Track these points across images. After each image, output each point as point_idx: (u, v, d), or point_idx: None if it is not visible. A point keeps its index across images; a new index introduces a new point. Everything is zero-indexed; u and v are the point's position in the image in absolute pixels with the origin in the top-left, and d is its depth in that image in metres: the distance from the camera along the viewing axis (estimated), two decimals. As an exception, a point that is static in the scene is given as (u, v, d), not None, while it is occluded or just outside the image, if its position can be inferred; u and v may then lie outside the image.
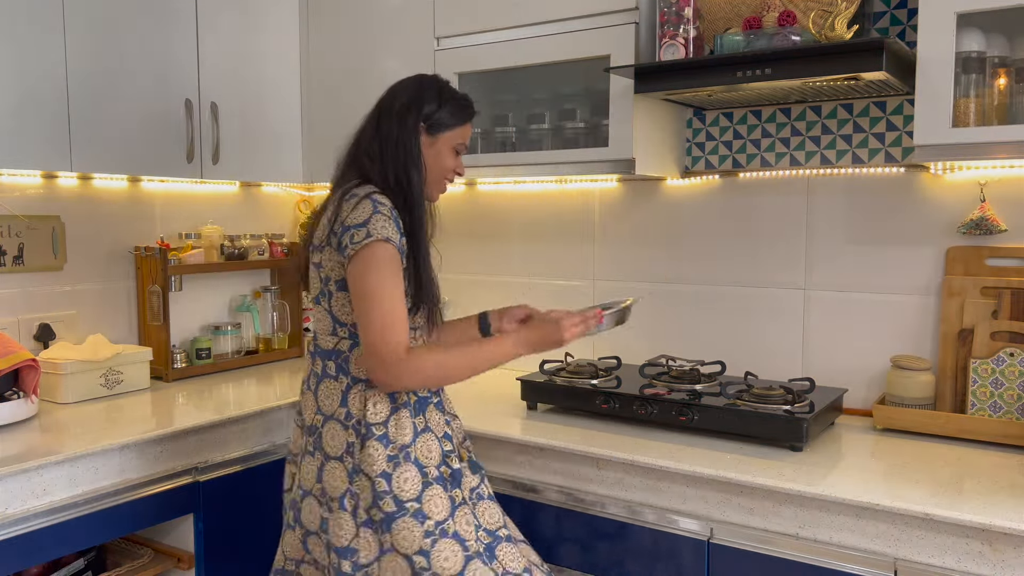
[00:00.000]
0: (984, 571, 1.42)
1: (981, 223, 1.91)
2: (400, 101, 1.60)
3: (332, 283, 1.56)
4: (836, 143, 2.11)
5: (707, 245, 2.32)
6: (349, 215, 1.50)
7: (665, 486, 1.73)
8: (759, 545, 1.62)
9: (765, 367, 2.25)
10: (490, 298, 2.73)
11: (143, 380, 2.37)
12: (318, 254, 1.57)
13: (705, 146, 2.31)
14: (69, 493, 1.78)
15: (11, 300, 2.30)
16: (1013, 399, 1.84)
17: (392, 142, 1.58)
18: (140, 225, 2.61)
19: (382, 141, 1.58)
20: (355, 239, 1.48)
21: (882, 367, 2.09)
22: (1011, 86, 1.71)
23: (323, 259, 1.56)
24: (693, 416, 1.88)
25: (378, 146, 1.59)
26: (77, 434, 1.90)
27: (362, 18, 2.53)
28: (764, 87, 1.86)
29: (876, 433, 1.92)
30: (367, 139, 1.61)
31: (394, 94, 1.63)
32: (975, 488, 1.53)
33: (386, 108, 1.61)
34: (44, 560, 1.75)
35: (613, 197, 2.47)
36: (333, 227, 1.52)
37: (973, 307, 1.94)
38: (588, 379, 2.11)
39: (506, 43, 2.24)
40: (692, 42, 1.91)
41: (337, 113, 2.61)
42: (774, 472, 1.63)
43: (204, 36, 2.41)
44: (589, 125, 2.24)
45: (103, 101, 2.17)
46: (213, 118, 2.43)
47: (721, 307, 2.31)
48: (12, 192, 2.30)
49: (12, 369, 1.97)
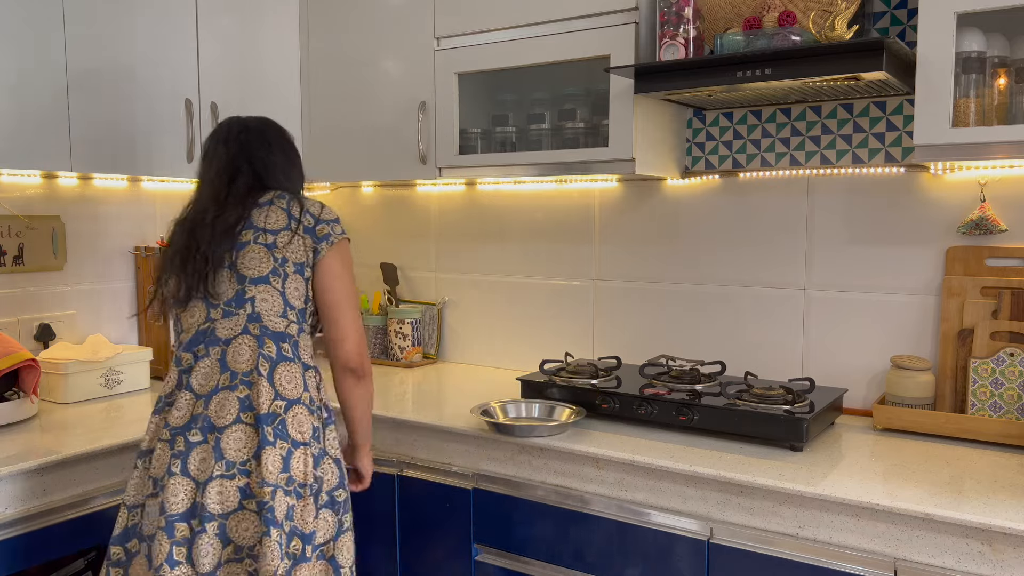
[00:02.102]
0: (984, 571, 1.42)
1: (981, 223, 1.91)
2: (286, 137, 1.79)
3: (290, 264, 1.63)
4: (836, 143, 2.11)
5: (707, 245, 2.32)
6: (321, 210, 1.68)
7: (665, 486, 1.73)
8: (759, 545, 1.62)
9: (765, 367, 2.25)
10: (490, 298, 2.73)
11: (143, 380, 2.38)
12: (269, 236, 1.63)
13: (705, 146, 2.31)
14: (69, 493, 1.78)
15: (11, 300, 2.30)
16: (1013, 399, 1.84)
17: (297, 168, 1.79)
18: (140, 225, 2.61)
19: (289, 165, 1.76)
20: (335, 231, 1.66)
21: (882, 367, 2.09)
22: (1011, 86, 1.71)
23: (278, 240, 1.63)
24: (693, 416, 1.88)
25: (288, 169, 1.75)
26: (77, 434, 1.90)
27: (362, 18, 2.53)
28: (764, 87, 1.86)
29: (876, 433, 1.92)
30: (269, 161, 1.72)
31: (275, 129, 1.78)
32: (975, 488, 1.53)
33: (276, 140, 1.75)
34: (44, 560, 1.75)
35: (613, 197, 2.47)
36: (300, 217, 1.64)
37: (973, 307, 1.94)
38: (588, 379, 2.11)
39: (506, 43, 2.24)
40: (692, 42, 1.91)
41: (337, 113, 2.61)
42: (774, 472, 1.63)
43: (204, 36, 2.41)
44: (589, 125, 2.24)
45: (103, 101, 2.17)
46: (213, 118, 2.43)
47: (721, 307, 2.31)
48: (12, 192, 2.30)
49: (12, 369, 1.97)
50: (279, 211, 1.65)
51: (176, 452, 1.54)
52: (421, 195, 2.86)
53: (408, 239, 2.91)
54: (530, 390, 2.14)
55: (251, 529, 1.52)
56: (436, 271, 2.86)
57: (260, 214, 1.64)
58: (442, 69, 2.36)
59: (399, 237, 2.93)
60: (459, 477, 2.01)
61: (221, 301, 1.60)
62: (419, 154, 2.41)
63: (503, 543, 1.95)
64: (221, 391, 1.56)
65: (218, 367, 1.57)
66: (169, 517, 1.50)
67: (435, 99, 2.38)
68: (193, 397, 1.57)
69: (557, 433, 1.90)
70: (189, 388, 1.57)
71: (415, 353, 2.77)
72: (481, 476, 1.98)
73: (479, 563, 1.99)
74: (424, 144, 2.41)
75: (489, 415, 2.01)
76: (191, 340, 1.61)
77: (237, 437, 1.53)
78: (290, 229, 1.63)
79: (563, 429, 1.92)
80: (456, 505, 2.01)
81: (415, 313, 2.77)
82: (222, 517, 1.51)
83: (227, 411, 1.54)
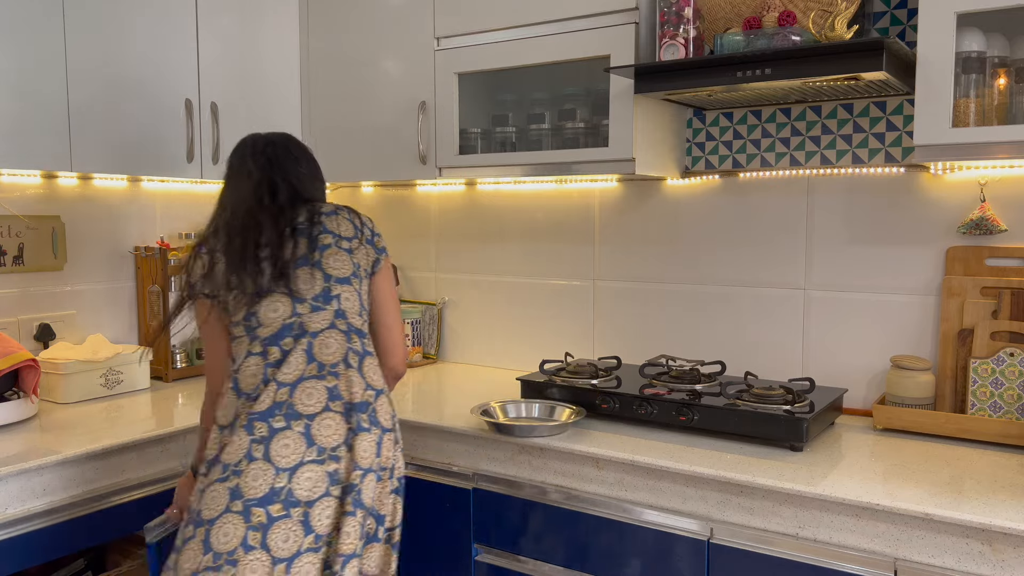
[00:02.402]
0: (984, 571, 1.42)
1: (981, 223, 1.91)
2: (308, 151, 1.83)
3: (361, 269, 1.75)
4: (836, 143, 2.11)
5: (707, 245, 2.32)
6: (373, 224, 1.81)
7: (665, 486, 1.73)
8: (759, 545, 1.62)
9: (765, 367, 2.25)
10: (490, 298, 2.73)
11: (143, 380, 2.38)
12: (344, 242, 1.73)
13: (705, 146, 2.31)
14: (69, 493, 1.78)
15: (11, 300, 2.30)
16: (1013, 399, 1.84)
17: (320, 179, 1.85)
18: (140, 225, 2.61)
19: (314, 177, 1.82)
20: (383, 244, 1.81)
21: (882, 367, 2.09)
22: (1011, 86, 1.71)
23: (353, 247, 1.74)
24: (693, 416, 1.88)
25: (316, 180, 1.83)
26: (77, 434, 1.90)
27: (362, 18, 2.53)
28: (764, 87, 1.86)
29: (876, 433, 1.92)
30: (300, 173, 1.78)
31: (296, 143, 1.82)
32: (975, 488, 1.53)
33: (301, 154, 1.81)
34: (44, 560, 1.75)
35: (613, 197, 2.47)
36: (361, 228, 1.77)
37: (973, 307, 1.94)
38: (588, 379, 2.11)
39: (506, 43, 2.24)
40: (692, 42, 1.91)
41: (337, 113, 2.61)
42: (774, 472, 1.63)
43: (204, 36, 2.41)
44: (589, 125, 2.24)
45: (103, 101, 2.17)
46: (213, 118, 2.43)
47: (721, 307, 2.31)
48: (12, 192, 2.30)
49: (12, 369, 1.97)
50: (345, 220, 1.75)
51: (257, 438, 1.54)
52: (421, 195, 2.86)
53: (408, 239, 2.91)
54: (530, 390, 2.14)
55: (332, 517, 1.55)
56: (436, 271, 2.86)
57: (331, 221, 1.73)
58: (442, 69, 2.36)
59: (399, 237, 2.93)
60: (459, 477, 2.01)
61: (308, 297, 1.66)
62: (419, 154, 2.41)
63: (503, 543, 1.95)
64: (308, 380, 1.60)
65: (305, 358, 1.62)
66: (247, 502, 1.50)
67: (435, 99, 2.38)
68: (276, 386, 1.59)
69: (557, 433, 1.90)
70: (275, 379, 1.60)
71: (415, 353, 2.77)
72: (481, 476, 1.98)
73: (479, 563, 2.00)
74: (424, 144, 2.41)
75: (489, 415, 2.01)
76: (277, 333, 1.63)
77: (327, 424, 1.58)
78: (357, 238, 1.75)
79: (563, 429, 1.92)
80: (456, 505, 2.01)
81: (415, 313, 2.77)
82: (307, 504, 1.53)
83: (314, 400, 1.59)
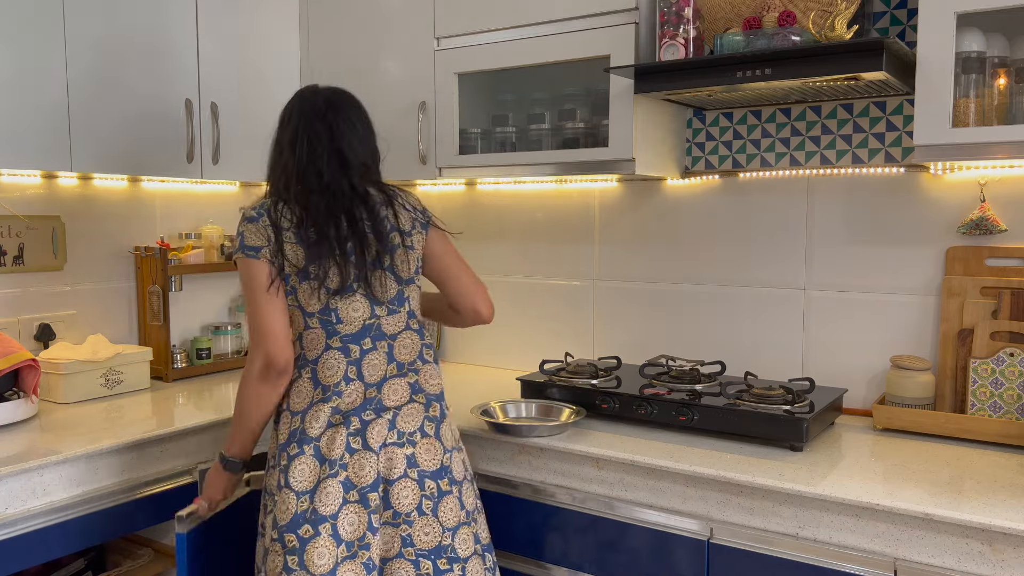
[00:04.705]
0: (984, 571, 1.42)
1: (981, 223, 1.91)
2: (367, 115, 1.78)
3: (420, 259, 1.77)
4: (836, 143, 2.11)
5: (707, 245, 2.32)
6: (422, 205, 1.80)
7: (665, 486, 1.73)
8: (759, 545, 1.62)
9: (765, 367, 2.25)
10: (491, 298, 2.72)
11: (143, 380, 2.38)
12: (407, 238, 1.72)
13: (705, 146, 2.31)
14: (69, 493, 1.78)
15: (11, 300, 2.30)
16: (1013, 399, 1.84)
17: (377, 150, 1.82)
18: (140, 225, 2.61)
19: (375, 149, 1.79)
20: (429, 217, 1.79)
21: (882, 367, 2.09)
22: (1011, 86, 1.71)
23: (413, 243, 1.74)
24: (693, 416, 1.88)
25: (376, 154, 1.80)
26: (77, 434, 1.90)
27: (362, 18, 2.53)
28: (764, 87, 1.86)
29: (876, 433, 1.92)
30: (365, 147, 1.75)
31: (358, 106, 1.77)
32: (975, 488, 1.53)
33: (366, 121, 1.78)
34: (44, 560, 1.75)
35: (613, 197, 2.47)
36: (415, 213, 1.76)
37: (973, 307, 1.94)
38: (588, 379, 2.11)
39: (506, 43, 2.24)
40: (692, 42, 1.91)
41: (337, 113, 2.60)
42: (774, 472, 1.63)
43: (204, 36, 2.41)
44: (589, 125, 2.24)
45: (103, 101, 2.17)
46: (213, 118, 2.43)
47: (721, 307, 2.31)
48: (12, 192, 2.30)
49: (12, 369, 1.97)
50: (405, 211, 1.75)
51: (353, 431, 1.61)
52: (421, 195, 2.86)
53: (408, 239, 2.90)
54: (530, 390, 2.14)
55: (410, 497, 1.61)
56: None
57: (394, 213, 1.73)
58: (442, 69, 2.36)
59: (399, 237, 2.92)
60: (459, 477, 2.01)
61: (385, 299, 1.68)
62: (419, 154, 2.41)
63: (503, 543, 1.95)
64: (391, 379, 1.67)
65: (385, 359, 1.67)
66: (361, 490, 1.58)
67: (435, 99, 2.39)
68: (363, 385, 1.64)
69: (557, 433, 1.90)
70: (360, 378, 1.64)
71: (415, 353, 2.76)
72: (481, 476, 1.98)
73: (479, 563, 2.00)
74: (424, 144, 2.41)
75: (489, 415, 2.01)
76: (358, 333, 1.66)
77: (410, 412, 1.67)
78: (415, 229, 1.75)
79: (563, 429, 1.92)
80: (456, 505, 2.01)
81: (415, 313, 2.77)
82: (387, 483, 1.61)
83: (399, 395, 1.67)
